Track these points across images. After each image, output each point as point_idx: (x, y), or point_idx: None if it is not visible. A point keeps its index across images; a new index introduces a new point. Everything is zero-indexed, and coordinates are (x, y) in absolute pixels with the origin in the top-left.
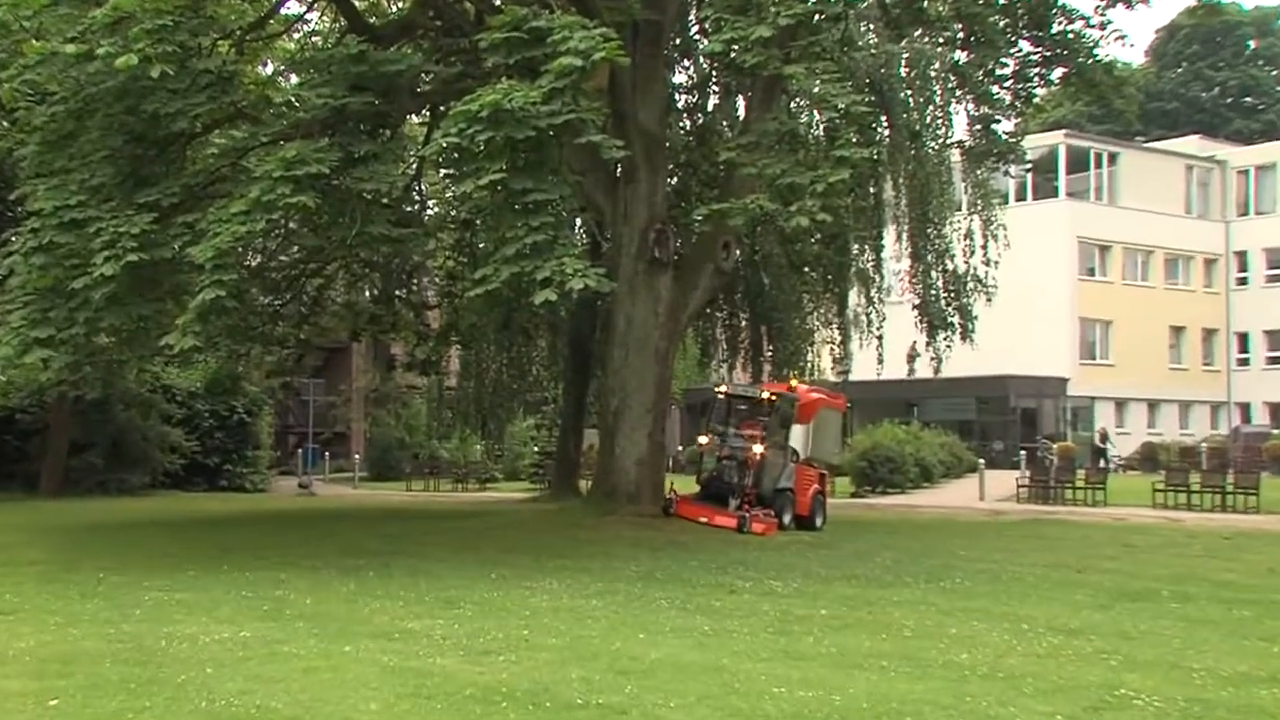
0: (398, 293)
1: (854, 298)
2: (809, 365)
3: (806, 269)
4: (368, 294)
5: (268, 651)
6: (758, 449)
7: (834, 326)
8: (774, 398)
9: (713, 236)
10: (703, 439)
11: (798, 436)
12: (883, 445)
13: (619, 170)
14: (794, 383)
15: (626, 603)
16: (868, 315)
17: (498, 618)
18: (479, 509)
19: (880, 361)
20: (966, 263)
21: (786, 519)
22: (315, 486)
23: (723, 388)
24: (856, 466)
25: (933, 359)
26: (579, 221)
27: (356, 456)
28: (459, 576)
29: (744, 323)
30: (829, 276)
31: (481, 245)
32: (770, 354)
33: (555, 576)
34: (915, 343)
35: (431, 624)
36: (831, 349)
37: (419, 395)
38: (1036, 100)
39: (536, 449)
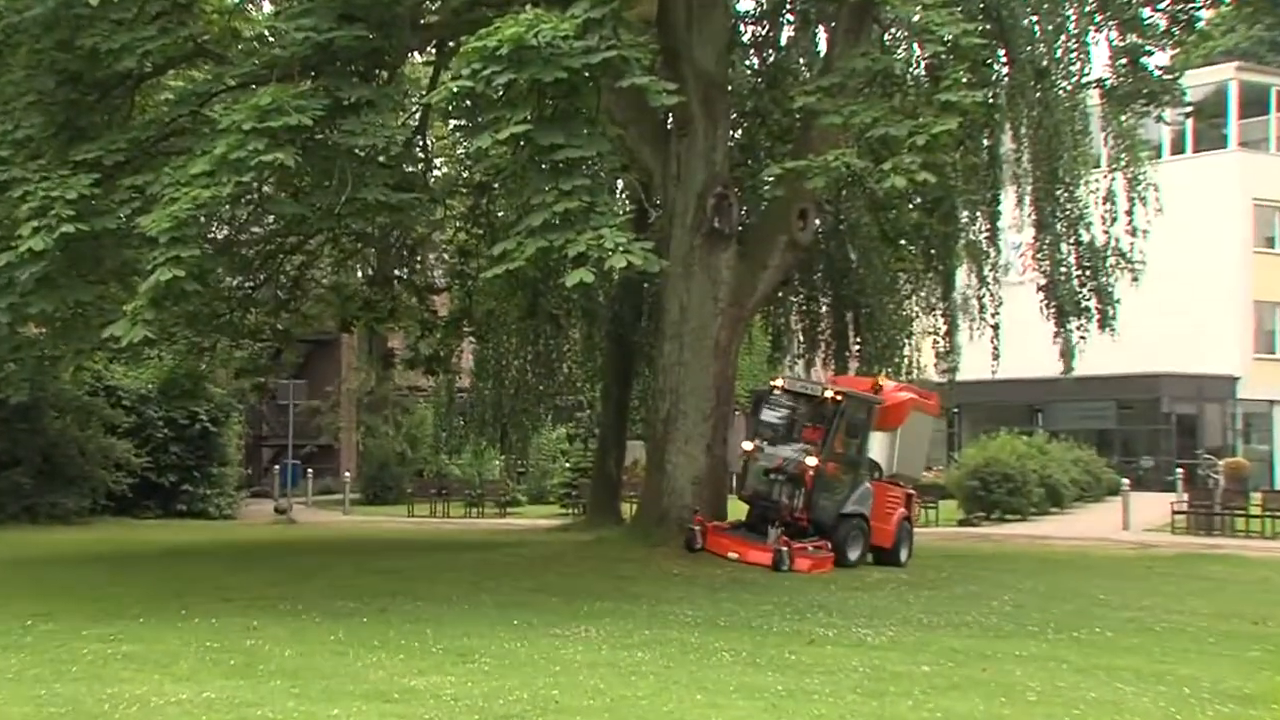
0: (397, 273)
1: (963, 278)
2: (906, 361)
3: (903, 242)
4: (360, 274)
5: (236, 717)
6: (810, 461)
7: (938, 313)
8: (839, 397)
9: (786, 202)
10: (746, 445)
11: (881, 447)
12: (999, 461)
13: (670, 121)
14: (881, 380)
15: (680, 655)
16: (980, 299)
17: (522, 674)
18: (498, 539)
19: (996, 357)
20: (1106, 233)
21: (854, 554)
22: (295, 511)
23: (778, 381)
24: (965, 487)
25: (1062, 354)
26: (621, 185)
27: (347, 475)
28: (473, 623)
29: (825, 309)
30: (931, 251)
31: (501, 214)
32: (858, 347)
33: (592, 623)
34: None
35: (440, 682)
36: (934, 341)
37: (423, 399)
38: (1200, 25)
39: (568, 465)
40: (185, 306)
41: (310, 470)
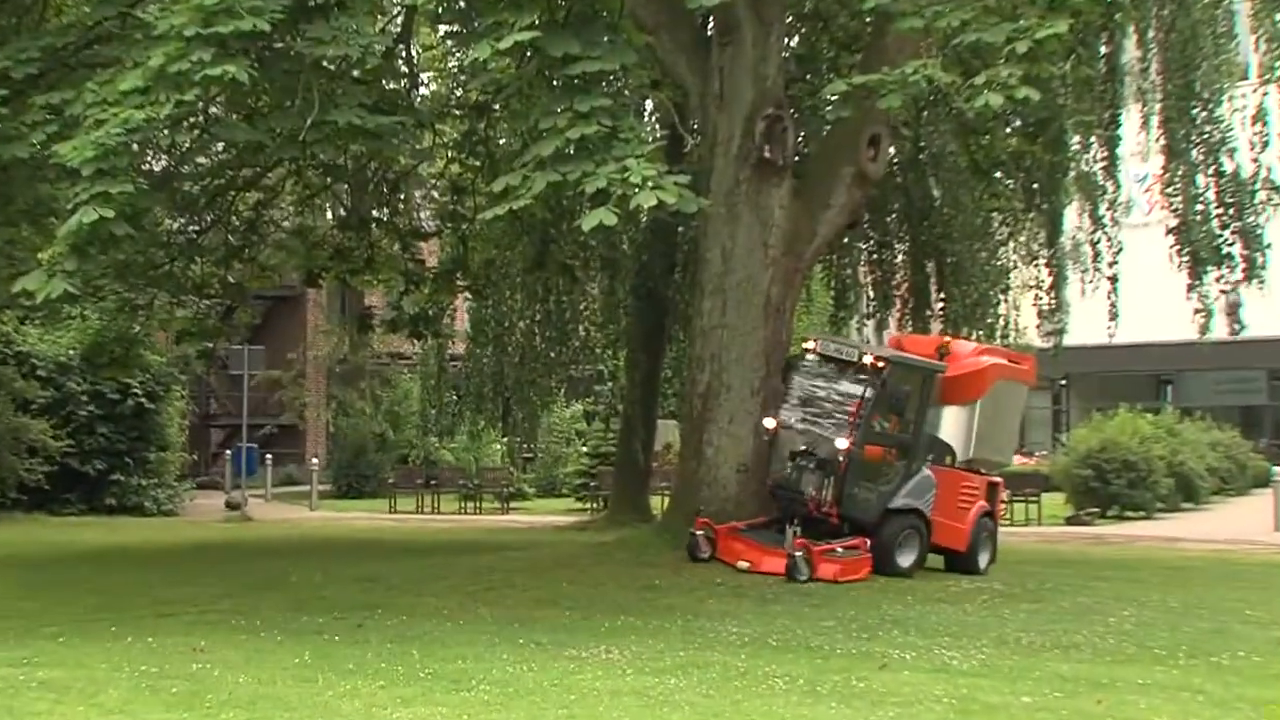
0: (375, 214)
1: (1073, 218)
2: (1001, 322)
3: (999, 175)
4: (330, 216)
5: None
6: (841, 443)
7: (1041, 263)
8: (879, 362)
9: (854, 127)
10: (768, 422)
11: (955, 425)
12: (1117, 445)
13: (711, 26)
14: (951, 341)
15: (723, 683)
16: (1094, 245)
17: (528, 705)
18: (499, 540)
19: (1113, 317)
20: (1255, 161)
21: (906, 559)
22: (252, 507)
23: (810, 343)
24: (1075, 478)
25: (1197, 312)
26: (650, 105)
27: (314, 462)
28: (470, 642)
29: (901, 258)
30: (1034, 186)
31: (503, 142)
32: (941, 305)
33: (615, 642)
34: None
35: (429, 713)
36: (1036, 297)
37: (408, 369)
38: None
39: (585, 450)
40: (114, 254)
41: (270, 456)
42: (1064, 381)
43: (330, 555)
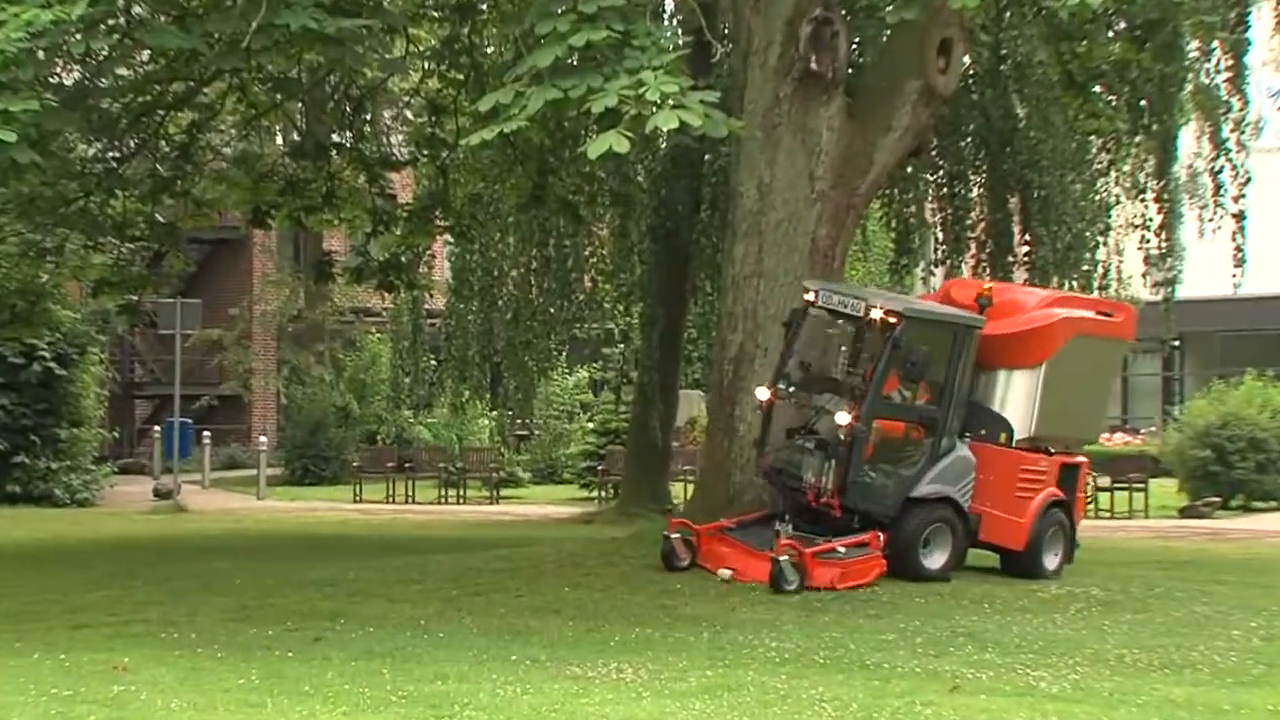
0: (336, 139)
1: (1189, 142)
2: (1100, 269)
3: (1098, 89)
4: (281, 141)
5: None
6: (842, 417)
7: (1149, 196)
8: (890, 317)
9: (919, 31)
10: (761, 392)
11: (1015, 393)
12: (1243, 420)
13: None
14: (988, 288)
15: (759, 708)
16: (1215, 175)
17: None
18: (487, 536)
19: (1239, 263)
20: None
21: (935, 560)
22: (186, 495)
23: (810, 293)
24: (1191, 460)
25: None
26: (671, 6)
27: (263, 441)
28: (452, 659)
29: (978, 192)
30: (1141, 103)
31: (491, 51)
32: (1026, 248)
33: (627, 658)
34: None
35: None
36: (1143, 238)
37: (376, 328)
38: None
39: (592, 426)
40: (17, 186)
41: (207, 434)
42: (1176, 343)
43: (282, 554)
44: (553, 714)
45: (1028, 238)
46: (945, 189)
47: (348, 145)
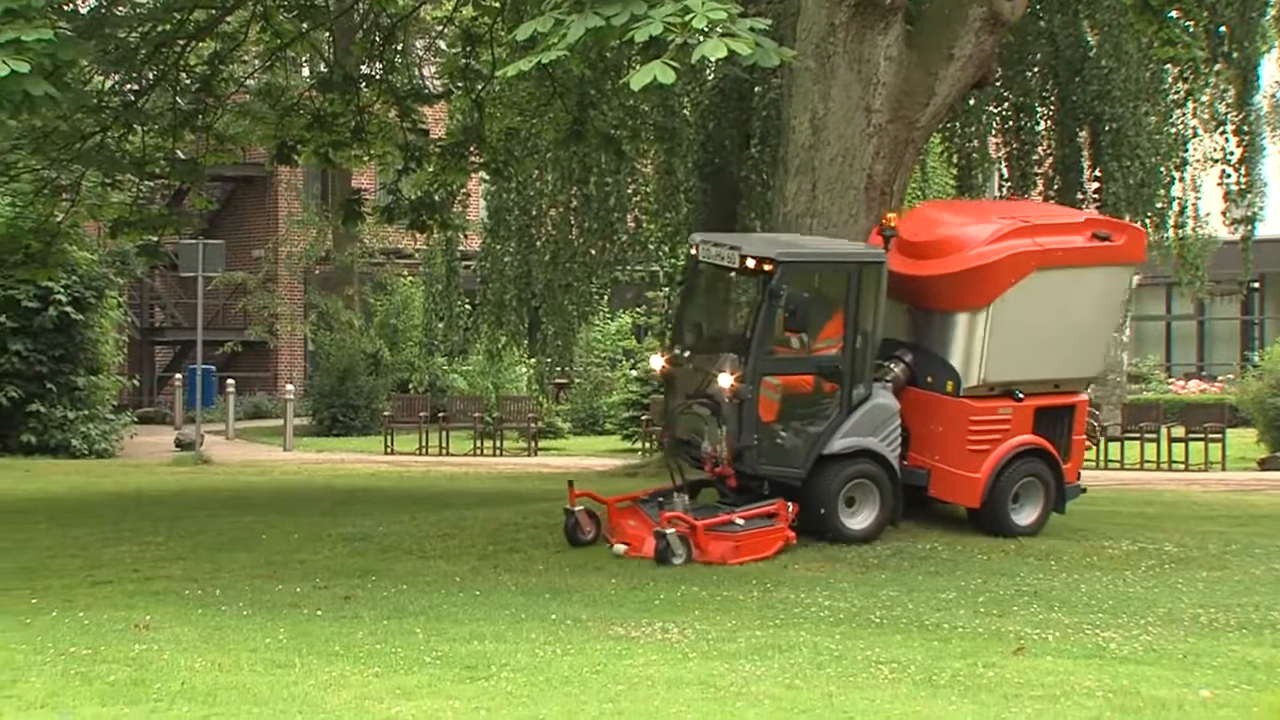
0: (365, 70)
1: (1271, 70)
2: (1175, 205)
3: (1175, 14)
4: (308, 73)
5: None
6: (724, 380)
7: (1228, 128)
8: (765, 265)
9: None
10: (656, 361)
11: (961, 336)
12: None
13: None
14: (890, 217)
15: (812, 670)
16: None
17: (562, 697)
18: (525, 490)
19: None
20: None
21: (858, 520)
22: (210, 446)
23: (692, 247)
24: (1271, 409)
25: None
26: None
27: (289, 390)
28: (488, 618)
29: (1044, 124)
30: (1221, 29)
31: None
32: (1097, 184)
33: (673, 618)
34: None
35: (437, 708)
36: (1222, 173)
37: (408, 271)
38: None
39: (635, 374)
40: (30, 120)
41: (231, 382)
42: (1256, 284)
43: (310, 508)
44: (594, 675)
45: (1098, 173)
46: (1010, 122)
47: (378, 77)
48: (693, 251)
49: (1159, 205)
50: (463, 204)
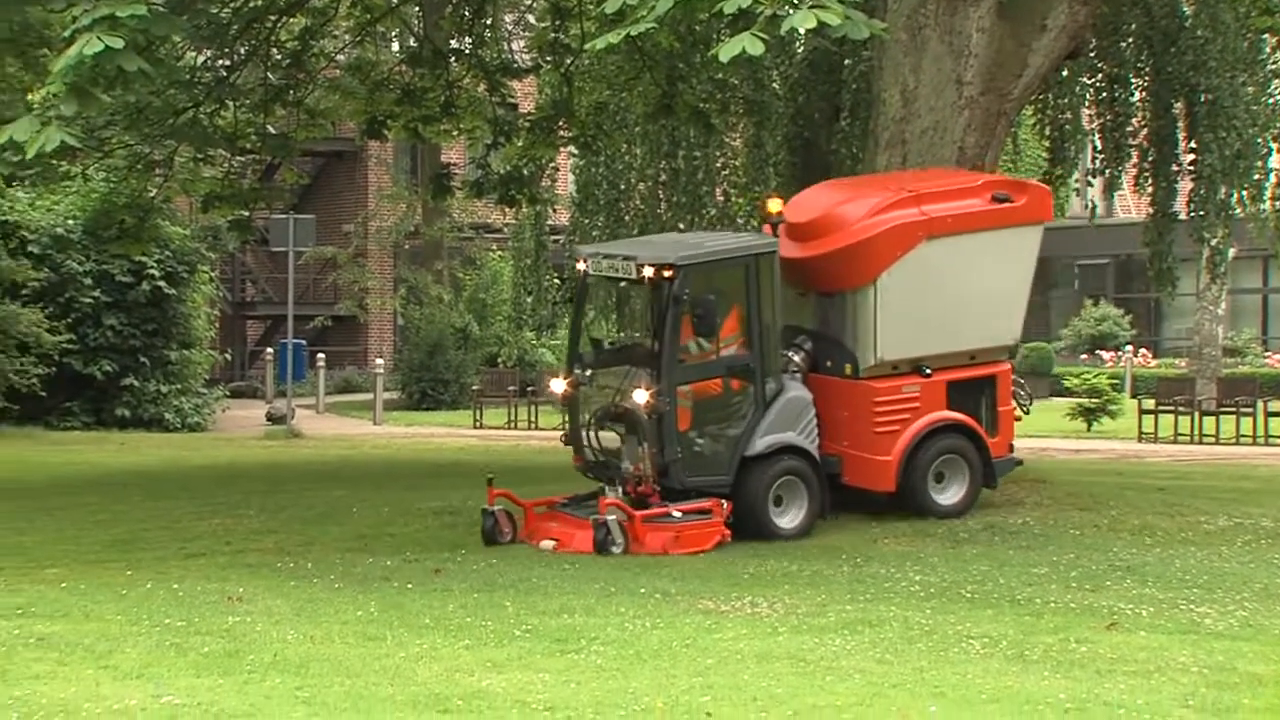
0: (455, 45)
1: None
2: (1273, 178)
3: None
4: (397, 48)
5: None
6: (639, 396)
7: None
8: (665, 272)
9: None
10: (557, 385)
11: (851, 315)
12: None
13: None
14: (774, 205)
15: (903, 645)
16: None
17: (651, 671)
18: None
19: None
20: None
21: (788, 519)
22: (300, 420)
23: (580, 263)
24: None
25: None
26: None
27: (379, 364)
28: (578, 591)
29: (1138, 96)
30: None
31: None
32: (1192, 156)
33: (763, 592)
34: None
35: (527, 680)
36: None
37: (497, 245)
38: None
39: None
40: (125, 96)
41: (322, 356)
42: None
43: (399, 482)
44: (684, 649)
45: (1193, 145)
46: (1104, 93)
47: (467, 52)
48: (581, 266)
49: (1255, 177)
50: (551, 178)
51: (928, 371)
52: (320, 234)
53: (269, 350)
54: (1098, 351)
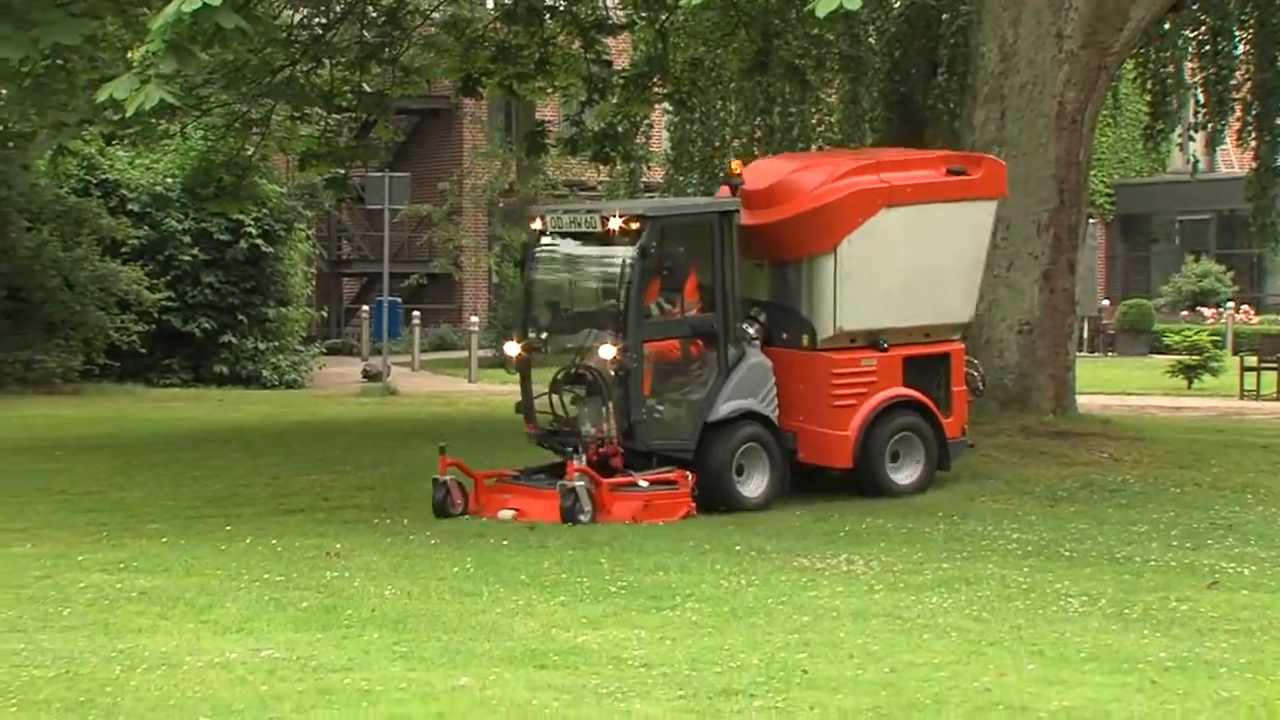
0: (550, 1)
1: None
2: None
3: None
4: (491, 4)
5: (314, 686)
6: (606, 351)
7: None
8: (633, 223)
9: None
10: (511, 348)
11: (810, 283)
12: None
13: None
14: (736, 167)
15: (1000, 602)
16: None
17: (747, 628)
18: None
19: None
20: None
21: (752, 487)
22: (396, 377)
23: (537, 222)
24: None
25: None
26: None
27: (474, 321)
28: (673, 549)
29: (1243, 48)
30: None
31: None
32: None
33: (858, 550)
34: None
35: (622, 637)
36: None
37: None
38: None
39: None
40: (223, 54)
41: (417, 314)
42: None
43: (495, 439)
44: (779, 606)
45: None
46: (1206, 46)
47: (562, 9)
48: (537, 225)
49: None
50: (646, 135)
51: (885, 345)
52: (415, 192)
53: (365, 308)
54: (1198, 308)
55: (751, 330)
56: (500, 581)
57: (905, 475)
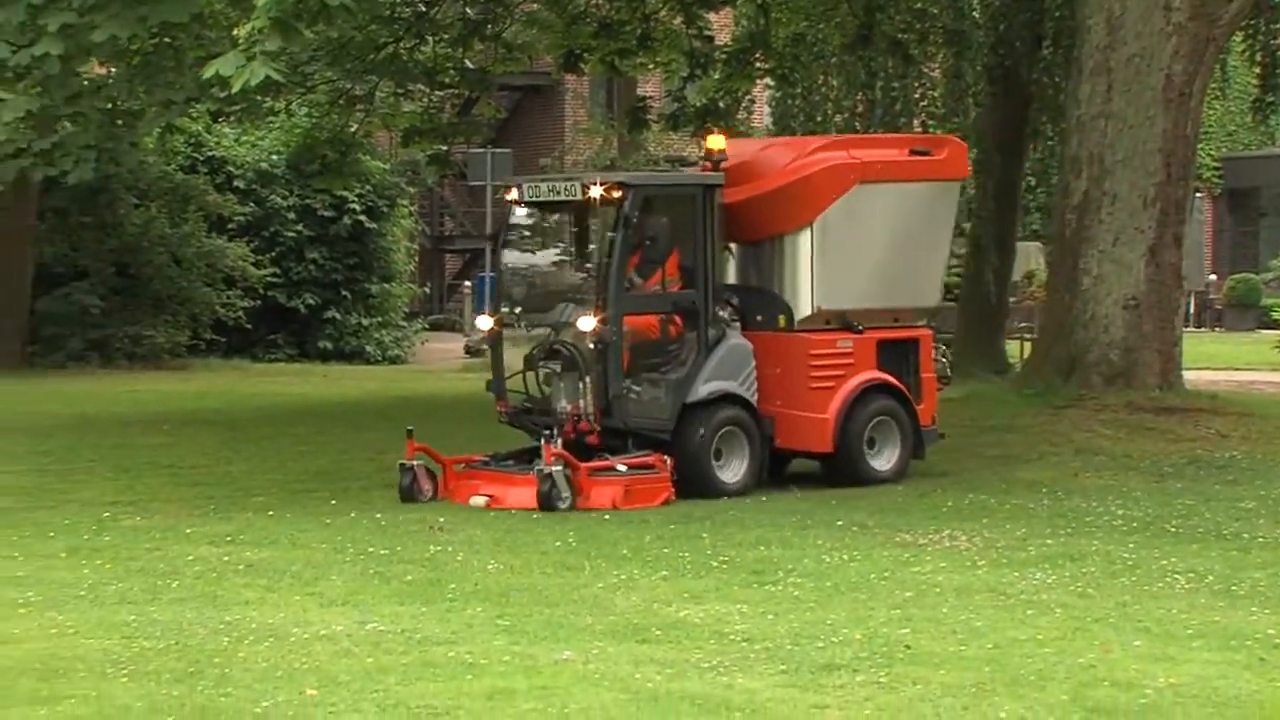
0: None
1: None
2: None
3: None
4: None
5: (418, 659)
6: (585, 322)
7: None
8: (614, 191)
9: None
10: (483, 322)
11: (787, 261)
12: None
13: None
14: (716, 141)
15: (1105, 579)
16: None
17: (849, 603)
18: None
19: None
20: None
21: (731, 473)
22: None
23: (512, 192)
24: None
25: None
26: None
27: None
28: (775, 524)
29: None
30: None
31: None
32: None
33: (961, 526)
34: None
35: (723, 612)
36: None
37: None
38: None
39: None
40: (327, 32)
41: None
42: None
43: None
44: (882, 582)
45: None
46: None
47: None
48: (512, 196)
49: None
50: (747, 110)
51: (859, 328)
52: (517, 168)
53: (467, 284)
54: None
55: (724, 314)
56: (602, 556)
57: (883, 462)
